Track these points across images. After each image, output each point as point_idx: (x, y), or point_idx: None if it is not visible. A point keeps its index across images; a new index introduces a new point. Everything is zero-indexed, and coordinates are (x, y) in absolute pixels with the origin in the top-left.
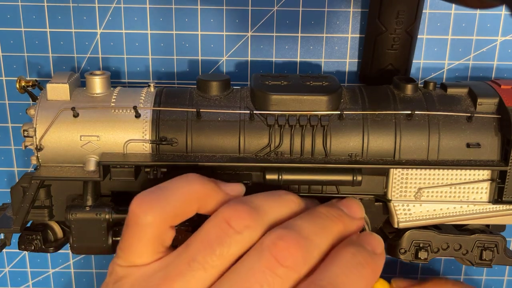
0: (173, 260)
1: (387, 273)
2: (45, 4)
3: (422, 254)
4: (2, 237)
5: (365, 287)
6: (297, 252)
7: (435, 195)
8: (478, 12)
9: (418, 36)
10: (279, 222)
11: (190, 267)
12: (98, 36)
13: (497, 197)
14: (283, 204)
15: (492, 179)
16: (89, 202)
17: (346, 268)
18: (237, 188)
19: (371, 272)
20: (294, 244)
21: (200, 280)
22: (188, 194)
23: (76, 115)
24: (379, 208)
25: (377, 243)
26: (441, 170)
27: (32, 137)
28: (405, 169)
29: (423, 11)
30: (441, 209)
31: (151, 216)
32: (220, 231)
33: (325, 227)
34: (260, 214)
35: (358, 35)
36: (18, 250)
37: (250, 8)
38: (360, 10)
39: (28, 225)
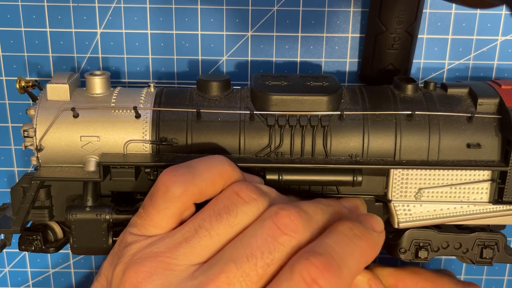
0: (181, 228)
1: None
2: (45, 4)
3: (422, 253)
4: (2, 238)
5: (360, 259)
6: (297, 220)
7: (435, 196)
8: (478, 12)
9: (419, 36)
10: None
11: (197, 233)
12: (98, 36)
13: (498, 198)
14: (284, 196)
15: (492, 180)
16: (89, 203)
17: (342, 238)
18: (256, 180)
19: (367, 245)
20: (295, 214)
21: (206, 247)
22: (218, 173)
23: (76, 116)
24: (379, 208)
25: (376, 222)
26: (441, 171)
27: (32, 137)
28: (405, 170)
29: (424, 10)
30: (441, 210)
31: (181, 189)
32: (229, 201)
33: (324, 209)
34: (266, 194)
35: (358, 35)
36: (18, 250)
37: (250, 8)
38: (360, 9)
39: (28, 225)
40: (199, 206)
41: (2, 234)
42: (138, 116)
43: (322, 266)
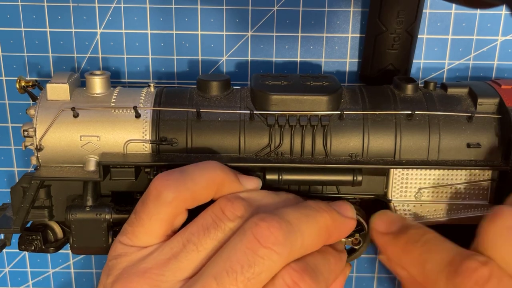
0: (170, 242)
1: (388, 274)
2: (45, 4)
3: None
4: (2, 237)
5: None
6: (277, 232)
7: (435, 195)
8: (478, 12)
9: (419, 36)
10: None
11: (185, 248)
12: (98, 36)
13: (498, 197)
14: (278, 198)
15: (492, 179)
16: (89, 202)
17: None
18: (254, 182)
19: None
20: (274, 225)
21: (192, 261)
22: (210, 179)
23: (76, 115)
24: (379, 208)
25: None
26: (441, 170)
27: (32, 137)
28: (405, 169)
29: (424, 10)
30: (441, 209)
31: (173, 194)
32: (216, 217)
33: (310, 216)
34: (253, 206)
35: (358, 35)
36: (18, 250)
37: (250, 8)
38: (360, 9)
39: (28, 225)
40: (191, 212)
41: (2, 234)
42: (138, 116)
43: (302, 271)
